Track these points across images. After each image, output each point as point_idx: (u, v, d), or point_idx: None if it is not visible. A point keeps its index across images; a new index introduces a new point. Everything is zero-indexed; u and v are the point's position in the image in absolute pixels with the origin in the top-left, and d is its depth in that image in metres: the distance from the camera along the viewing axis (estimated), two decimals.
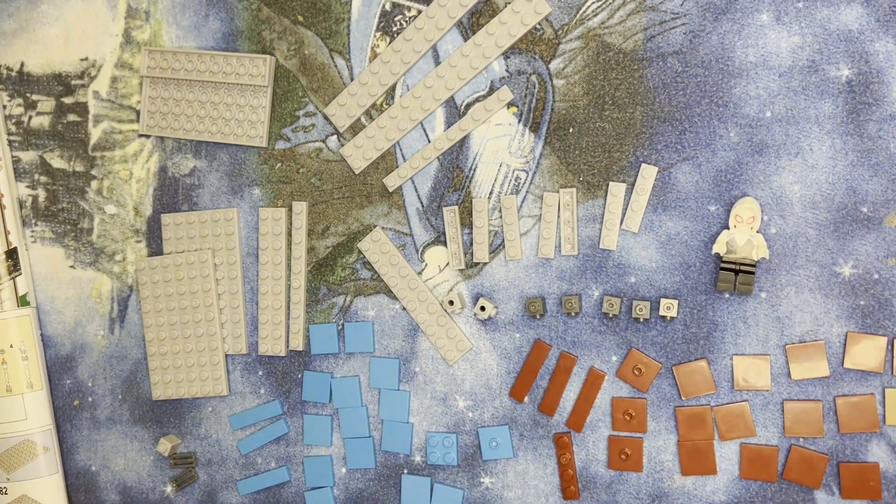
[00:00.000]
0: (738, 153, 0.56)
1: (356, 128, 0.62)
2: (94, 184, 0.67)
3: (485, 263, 0.60)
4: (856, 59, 0.54)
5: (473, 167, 0.60)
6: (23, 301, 0.67)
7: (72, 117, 0.67)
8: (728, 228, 0.55)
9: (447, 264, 0.61)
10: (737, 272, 0.55)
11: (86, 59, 0.66)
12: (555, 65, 0.58)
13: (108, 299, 0.67)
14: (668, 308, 0.56)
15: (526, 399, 0.60)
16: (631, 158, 0.57)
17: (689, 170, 0.56)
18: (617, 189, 0.57)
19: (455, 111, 0.60)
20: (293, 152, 0.63)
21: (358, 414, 0.63)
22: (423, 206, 0.61)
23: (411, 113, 0.61)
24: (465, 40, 0.60)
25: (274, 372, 0.64)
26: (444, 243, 0.61)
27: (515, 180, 0.59)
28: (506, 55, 0.59)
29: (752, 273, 0.55)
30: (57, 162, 0.67)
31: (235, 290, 0.64)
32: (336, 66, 0.62)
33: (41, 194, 0.68)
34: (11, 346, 0.66)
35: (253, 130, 0.63)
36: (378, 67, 0.61)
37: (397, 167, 0.61)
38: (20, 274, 0.67)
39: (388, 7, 0.61)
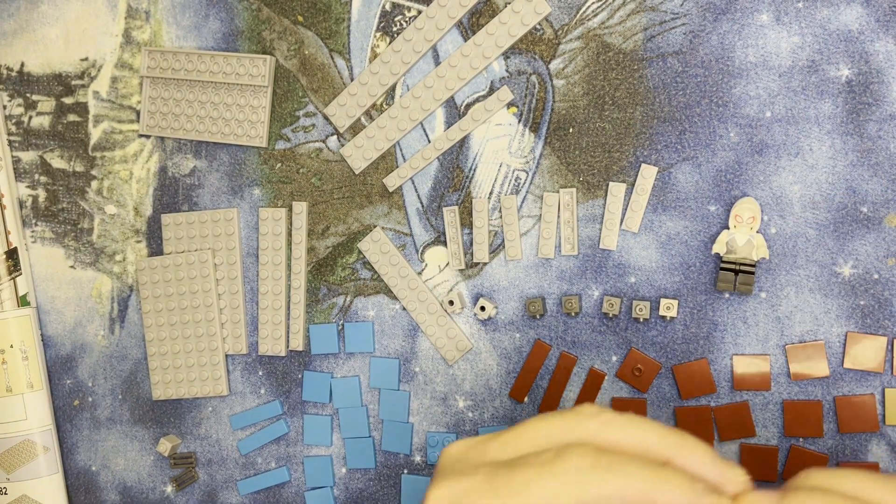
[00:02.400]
0: (737, 153, 0.56)
1: (356, 128, 0.62)
2: (94, 184, 0.67)
3: (485, 263, 0.60)
4: (856, 59, 0.54)
5: (473, 167, 0.60)
6: (23, 301, 0.67)
7: (72, 117, 0.67)
8: (728, 228, 0.55)
9: (447, 264, 0.61)
10: (737, 272, 0.55)
11: (86, 59, 0.66)
12: (555, 65, 0.58)
13: (108, 299, 0.67)
14: (668, 308, 0.56)
15: (526, 399, 0.60)
16: (631, 158, 0.57)
17: (689, 170, 0.56)
18: (617, 189, 0.57)
19: (455, 111, 0.60)
20: (293, 152, 0.63)
21: (358, 414, 0.63)
22: (423, 206, 0.61)
23: (411, 113, 0.61)
24: (465, 40, 0.60)
25: (274, 372, 0.64)
26: (444, 243, 0.61)
27: (515, 180, 0.59)
28: (506, 55, 0.59)
29: (752, 273, 0.55)
30: (57, 162, 0.67)
31: (235, 291, 0.64)
32: (336, 66, 0.62)
33: (41, 194, 0.68)
34: (11, 346, 0.66)
35: (253, 130, 0.63)
36: (378, 67, 0.61)
37: (397, 167, 0.61)
38: (20, 274, 0.67)
39: (388, 7, 0.61)
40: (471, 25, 0.59)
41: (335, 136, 0.62)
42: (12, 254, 0.66)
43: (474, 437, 0.39)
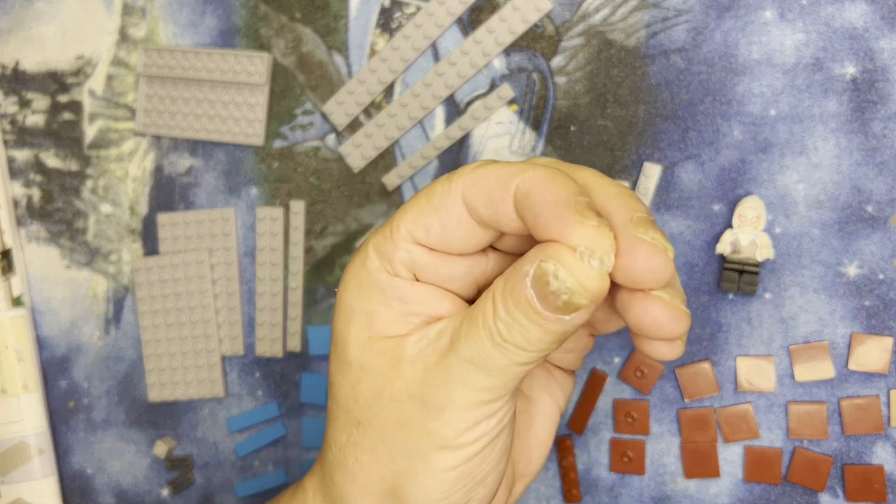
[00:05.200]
0: (741, 151, 0.55)
1: (355, 126, 0.61)
2: (89, 183, 0.66)
3: None
4: (861, 56, 0.54)
5: None
6: (17, 302, 0.66)
7: (67, 116, 0.66)
8: (731, 228, 0.55)
9: None
10: (741, 272, 0.54)
11: (81, 56, 0.66)
12: (556, 62, 0.58)
13: (103, 300, 0.66)
14: None
15: None
16: (633, 157, 0.57)
17: (693, 168, 0.56)
18: None
19: (455, 109, 0.60)
20: (291, 151, 0.62)
21: None
22: None
23: (410, 111, 0.60)
24: (465, 38, 0.59)
25: (271, 373, 0.63)
26: None
27: None
28: (506, 52, 0.58)
29: (756, 273, 0.54)
30: (52, 161, 0.67)
31: (232, 291, 0.63)
32: (334, 63, 0.61)
33: (36, 194, 0.67)
34: (7, 348, 0.65)
35: (250, 129, 0.62)
36: (377, 65, 0.60)
37: (396, 166, 0.61)
38: (15, 274, 0.66)
39: (386, 4, 0.60)
40: (471, 22, 0.59)
41: (333, 135, 0.62)
42: (7, 254, 0.66)
43: None
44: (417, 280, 0.32)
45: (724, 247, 0.54)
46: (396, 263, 0.31)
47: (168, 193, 0.65)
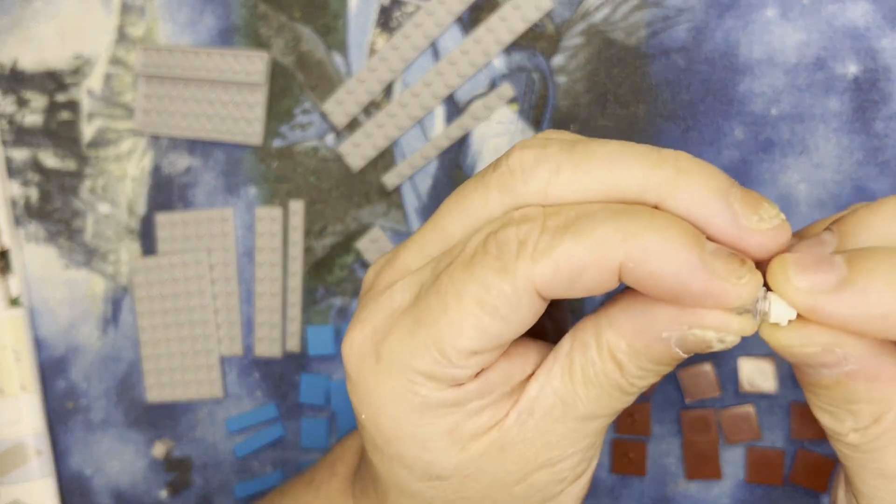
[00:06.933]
0: (743, 151, 0.55)
1: (354, 126, 0.61)
2: (87, 182, 0.66)
3: None
4: (862, 56, 0.53)
5: (473, 165, 0.59)
6: (15, 302, 0.66)
7: (65, 115, 0.66)
8: None
9: None
10: None
11: (79, 56, 0.65)
12: (556, 61, 0.57)
13: (101, 300, 0.66)
14: None
15: None
16: None
17: None
18: None
19: (455, 109, 0.59)
20: (290, 150, 0.62)
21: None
22: (422, 205, 0.60)
23: (410, 111, 0.60)
24: (465, 37, 0.59)
25: (270, 374, 0.63)
26: None
27: None
28: (506, 52, 0.58)
29: None
30: (50, 160, 0.66)
31: (231, 291, 0.63)
32: (334, 62, 0.61)
33: (34, 193, 0.67)
34: (5, 348, 0.65)
35: (249, 128, 0.62)
36: (376, 64, 0.60)
37: (396, 166, 0.60)
38: (13, 275, 0.66)
39: (386, 3, 0.60)
40: (471, 21, 0.59)
41: (333, 134, 0.62)
42: (4, 254, 0.65)
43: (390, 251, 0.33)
44: (484, 369, 0.28)
45: None
46: (463, 378, 0.27)
47: (166, 193, 0.64)
